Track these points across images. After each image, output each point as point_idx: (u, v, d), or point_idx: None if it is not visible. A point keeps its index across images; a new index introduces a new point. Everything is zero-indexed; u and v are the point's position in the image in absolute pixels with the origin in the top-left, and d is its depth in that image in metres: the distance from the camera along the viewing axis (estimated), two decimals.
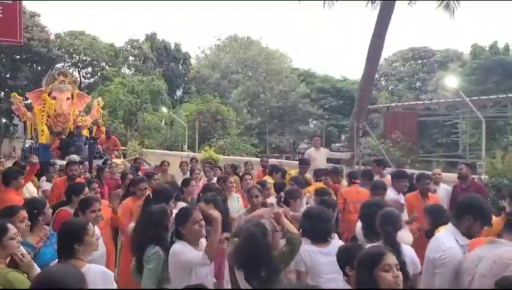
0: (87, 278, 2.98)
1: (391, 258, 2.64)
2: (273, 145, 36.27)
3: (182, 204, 5.40)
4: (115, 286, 3.20)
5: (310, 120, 39.53)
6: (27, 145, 16.01)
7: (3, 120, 37.71)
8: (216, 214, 3.89)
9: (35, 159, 7.69)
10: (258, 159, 13.07)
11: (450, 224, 3.60)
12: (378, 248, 2.92)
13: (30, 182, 7.84)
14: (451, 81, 12.92)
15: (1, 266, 3.13)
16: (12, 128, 38.87)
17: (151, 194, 5.35)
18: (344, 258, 3.22)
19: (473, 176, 8.04)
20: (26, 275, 3.17)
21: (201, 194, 5.86)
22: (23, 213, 3.84)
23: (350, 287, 3.08)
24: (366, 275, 2.61)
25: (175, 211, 4.31)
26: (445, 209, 4.61)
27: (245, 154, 20.35)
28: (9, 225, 3.29)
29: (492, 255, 3.12)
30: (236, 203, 6.56)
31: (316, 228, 4.05)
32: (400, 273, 2.62)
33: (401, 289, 2.61)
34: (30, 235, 3.95)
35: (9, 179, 5.94)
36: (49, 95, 14.75)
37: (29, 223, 3.91)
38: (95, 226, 4.88)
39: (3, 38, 8.32)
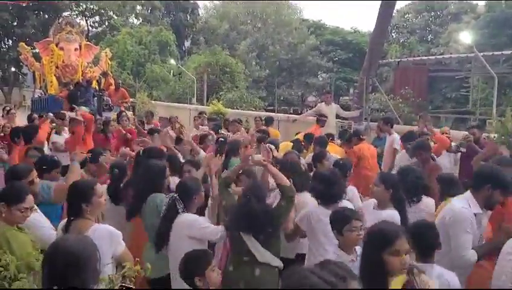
0: (94, 237, 3.08)
1: (402, 243, 2.55)
2: (281, 98, 36.10)
3: None
4: (123, 246, 3.23)
5: (319, 73, 39.12)
6: (36, 96, 16.04)
7: (12, 69, 37.59)
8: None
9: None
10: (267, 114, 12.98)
11: (468, 192, 3.59)
12: (391, 228, 2.71)
13: None
14: (465, 36, 12.62)
15: (4, 224, 3.13)
16: (21, 77, 38.76)
17: None
18: (332, 222, 3.34)
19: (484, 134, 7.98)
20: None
21: None
22: (34, 173, 3.96)
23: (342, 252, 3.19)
24: (374, 256, 2.57)
25: None
26: (457, 180, 4.59)
27: (253, 108, 20.29)
28: (29, 197, 3.28)
29: None
30: None
31: (326, 190, 4.02)
32: (407, 258, 2.55)
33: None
34: None
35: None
36: (56, 45, 14.67)
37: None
38: None
39: None
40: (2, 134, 8.11)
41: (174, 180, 4.66)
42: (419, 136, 6.84)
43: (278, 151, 5.74)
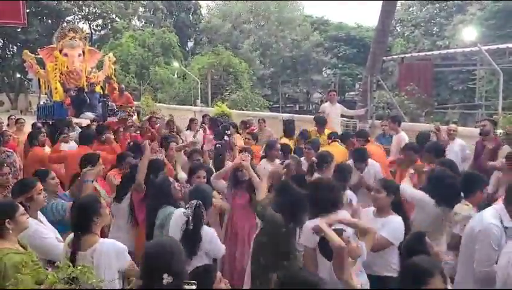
0: (101, 253, 3.07)
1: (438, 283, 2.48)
2: (286, 96, 36.06)
3: None
4: (129, 260, 3.25)
5: (323, 69, 39.00)
6: (42, 102, 16.06)
7: (18, 75, 37.75)
8: None
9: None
10: (270, 114, 12.97)
11: (500, 203, 3.49)
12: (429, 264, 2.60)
13: (46, 146, 7.95)
14: (470, 32, 12.49)
15: (7, 247, 3.10)
16: (27, 83, 38.91)
17: None
18: None
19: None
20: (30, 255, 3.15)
21: None
22: (36, 190, 3.94)
23: None
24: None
25: None
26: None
27: (258, 108, 20.20)
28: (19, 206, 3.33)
29: None
30: None
31: (323, 198, 3.73)
32: None
33: None
34: None
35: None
36: (60, 52, 14.66)
37: (58, 181, 4.33)
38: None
39: (6, 20, 8.17)
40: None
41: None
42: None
43: None
